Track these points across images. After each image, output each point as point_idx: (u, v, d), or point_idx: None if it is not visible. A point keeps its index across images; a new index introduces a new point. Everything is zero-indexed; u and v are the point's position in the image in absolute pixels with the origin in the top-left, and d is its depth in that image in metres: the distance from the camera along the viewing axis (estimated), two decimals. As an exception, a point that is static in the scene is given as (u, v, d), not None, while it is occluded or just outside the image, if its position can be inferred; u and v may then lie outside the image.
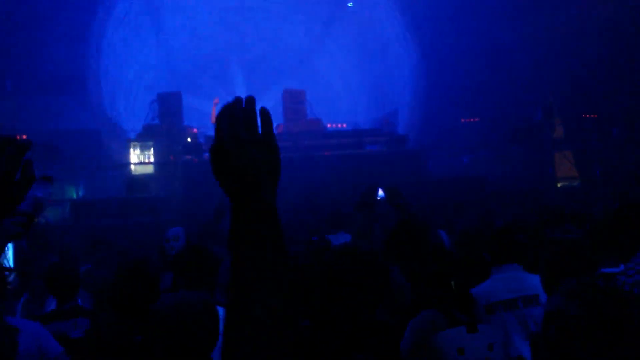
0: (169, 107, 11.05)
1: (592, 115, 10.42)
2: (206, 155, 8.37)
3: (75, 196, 9.53)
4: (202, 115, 14.21)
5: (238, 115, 0.92)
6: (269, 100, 15.90)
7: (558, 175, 10.04)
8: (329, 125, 12.01)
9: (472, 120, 16.19)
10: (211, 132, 10.18)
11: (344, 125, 14.41)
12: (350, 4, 14.08)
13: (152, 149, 10.11)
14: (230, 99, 0.95)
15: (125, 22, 13.57)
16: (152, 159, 10.11)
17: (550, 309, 1.79)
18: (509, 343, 2.52)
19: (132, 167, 10.09)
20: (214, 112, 11.03)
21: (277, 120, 13.15)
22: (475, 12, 16.29)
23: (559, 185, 10.75)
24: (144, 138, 10.37)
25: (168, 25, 15.00)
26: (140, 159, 10.14)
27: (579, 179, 9.90)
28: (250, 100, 0.94)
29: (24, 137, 1.06)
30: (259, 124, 0.94)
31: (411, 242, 3.34)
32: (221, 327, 2.10)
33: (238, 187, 0.90)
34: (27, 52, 13.54)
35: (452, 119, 16.01)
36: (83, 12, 13.11)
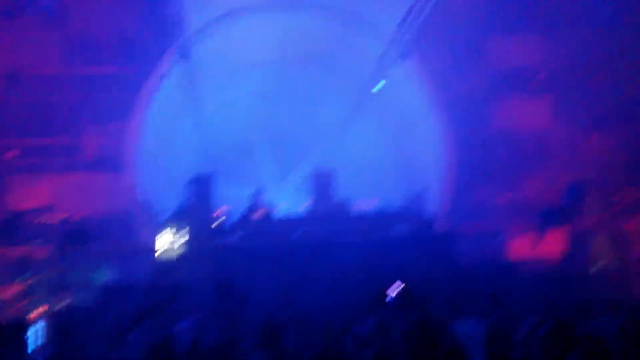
0: (201, 189, 11.27)
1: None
2: (230, 238, 8.46)
3: (102, 280, 9.68)
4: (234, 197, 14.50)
5: None
6: (296, 181, 16.15)
7: (593, 259, 9.66)
8: (355, 206, 11.98)
9: (505, 198, 15.89)
10: (236, 218, 10.36)
11: (372, 204, 14.34)
12: (380, 84, 14.39)
13: (183, 231, 10.28)
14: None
15: (167, 103, 14.29)
16: (182, 242, 10.24)
17: None
18: None
19: (161, 251, 10.25)
20: None
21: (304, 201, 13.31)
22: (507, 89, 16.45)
23: (597, 269, 10.29)
24: (176, 220, 10.57)
25: (205, 109, 15.69)
26: (171, 241, 10.29)
27: (615, 263, 9.52)
28: None
29: None
30: None
31: (423, 344, 3.25)
32: None
33: None
34: (72, 132, 14.29)
35: (484, 198, 15.79)
36: (127, 92, 13.90)
